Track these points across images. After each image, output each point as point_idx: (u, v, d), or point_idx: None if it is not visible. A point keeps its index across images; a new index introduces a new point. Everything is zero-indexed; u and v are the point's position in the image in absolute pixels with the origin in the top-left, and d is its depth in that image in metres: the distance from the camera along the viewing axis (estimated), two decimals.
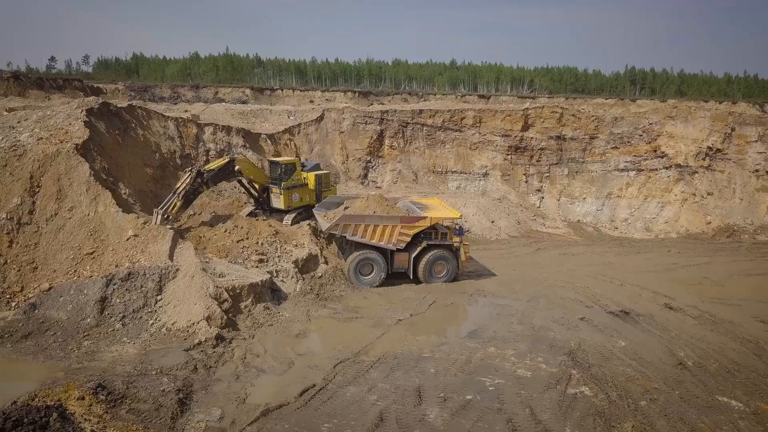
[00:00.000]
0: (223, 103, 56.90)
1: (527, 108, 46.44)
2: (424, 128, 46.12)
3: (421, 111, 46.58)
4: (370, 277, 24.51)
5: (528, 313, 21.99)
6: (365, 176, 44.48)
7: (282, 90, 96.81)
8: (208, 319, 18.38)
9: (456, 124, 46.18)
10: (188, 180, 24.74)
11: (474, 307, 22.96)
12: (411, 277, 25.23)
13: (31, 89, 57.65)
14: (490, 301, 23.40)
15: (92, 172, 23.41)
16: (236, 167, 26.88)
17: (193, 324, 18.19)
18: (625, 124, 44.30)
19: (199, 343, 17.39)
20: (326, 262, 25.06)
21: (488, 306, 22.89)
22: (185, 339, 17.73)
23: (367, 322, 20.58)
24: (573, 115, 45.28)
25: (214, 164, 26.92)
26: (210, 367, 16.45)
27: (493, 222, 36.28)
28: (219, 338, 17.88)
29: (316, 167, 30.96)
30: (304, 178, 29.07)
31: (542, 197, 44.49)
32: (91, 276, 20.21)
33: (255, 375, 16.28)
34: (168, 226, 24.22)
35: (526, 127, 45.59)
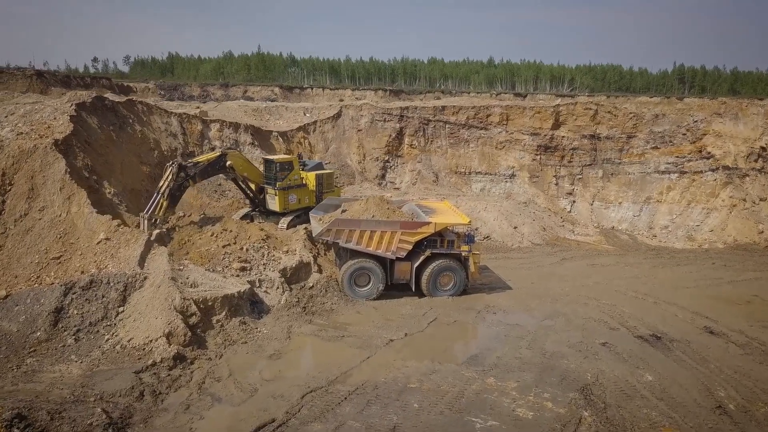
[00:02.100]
0: (238, 100, 55.46)
1: (558, 104, 43.13)
2: (447, 126, 43.41)
3: (443, 107, 43.88)
4: (366, 288, 22.07)
5: (540, 335, 19.14)
6: (383, 177, 42.10)
7: (312, 89, 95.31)
8: (168, 335, 16.32)
9: (481, 122, 43.27)
10: (170, 176, 22.84)
11: (480, 326, 20.25)
12: (413, 289, 22.67)
13: (54, 87, 57.41)
14: (500, 320, 20.63)
15: (68, 170, 21.74)
16: (228, 162, 24.86)
17: (151, 341, 16.16)
18: (666, 121, 40.47)
19: (153, 364, 15.34)
20: (320, 271, 22.76)
21: (496, 325, 20.13)
22: (139, 359, 15.71)
23: (353, 342, 18.16)
24: (609, 112, 41.71)
25: (203, 157, 25.01)
26: (159, 393, 14.34)
27: (515, 228, 33.29)
28: (178, 358, 15.80)
29: (319, 166, 28.69)
30: (303, 178, 26.84)
31: (573, 201, 41.11)
32: (52, 283, 18.45)
33: (209, 405, 14.09)
34: (156, 231, 22.54)
35: (557, 125, 42.29)
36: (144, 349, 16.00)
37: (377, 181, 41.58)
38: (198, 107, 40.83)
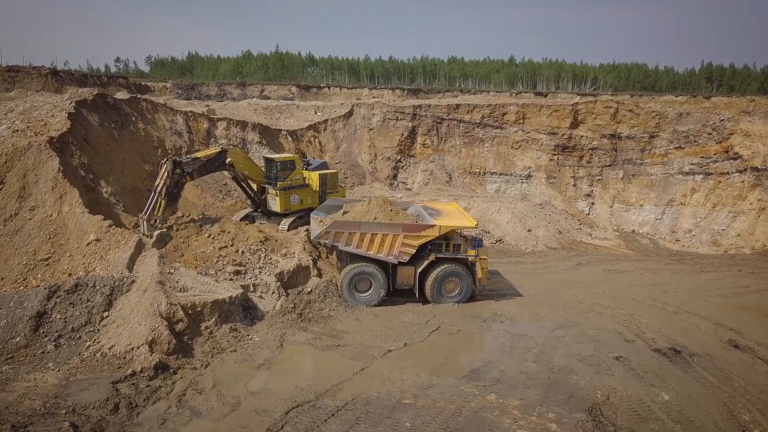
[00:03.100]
0: (248, 99, 54.92)
1: (577, 102, 41.59)
2: (461, 125, 42.20)
3: (457, 106, 42.69)
4: (367, 294, 21.05)
5: (549, 347, 17.89)
6: (394, 177, 41.08)
7: (329, 88, 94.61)
8: (151, 343, 15.49)
9: (496, 121, 41.97)
10: (165, 174, 22.08)
11: (485, 336, 19.04)
12: (417, 295, 21.58)
13: (70, 86, 57.45)
14: (506, 330, 19.41)
15: (61, 168, 21.15)
16: (227, 159, 24.04)
17: (133, 349, 15.33)
18: (691, 120, 38.70)
19: (133, 374, 14.51)
20: (320, 275, 21.81)
21: (502, 335, 18.92)
22: (119, 368, 14.89)
23: (348, 352, 17.13)
24: (630, 110, 40.07)
25: (202, 153, 24.24)
26: (136, 406, 13.49)
27: (529, 231, 31.95)
28: (160, 368, 14.95)
29: (323, 166, 27.71)
30: (305, 177, 25.90)
31: (592, 203, 39.59)
32: (37, 286, 17.80)
33: (186, 420, 13.20)
34: (157, 231, 21.90)
35: (575, 124, 40.80)
36: (125, 357, 15.19)
37: (388, 181, 40.57)
38: (207, 105, 40.26)
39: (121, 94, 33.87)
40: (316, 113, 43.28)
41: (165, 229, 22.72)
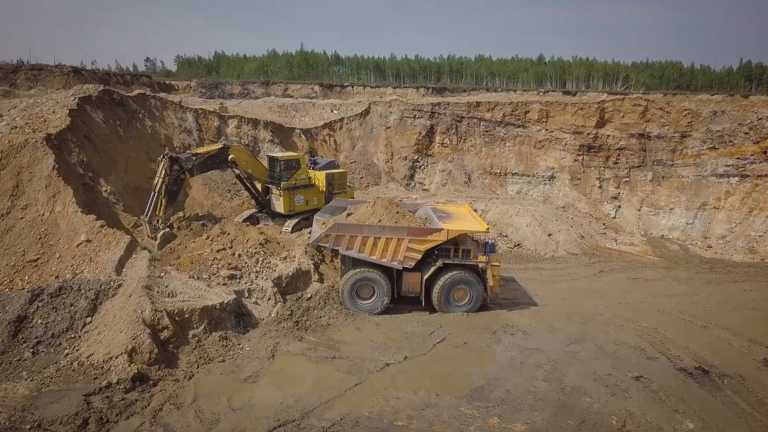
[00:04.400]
0: (264, 98, 54.22)
1: (603, 100, 39.65)
2: (482, 123, 40.69)
3: (478, 103, 41.17)
4: (369, 302, 19.86)
5: (562, 364, 16.44)
6: (411, 177, 39.82)
7: (352, 87, 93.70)
8: (131, 352, 14.60)
9: (518, 119, 40.34)
10: (163, 171, 21.27)
11: (493, 350, 17.64)
12: (423, 303, 20.29)
13: (91, 83, 57.65)
14: (517, 343, 18.00)
15: (56, 166, 20.52)
16: (230, 156, 23.14)
17: (111, 359, 14.45)
18: (726, 119, 36.43)
19: (108, 386, 13.62)
20: (321, 280, 20.72)
21: (512, 350, 17.51)
22: (95, 378, 14.02)
23: (343, 365, 15.98)
24: (661, 108, 37.99)
25: (203, 149, 23.43)
26: (106, 421, 12.59)
27: (550, 235, 30.32)
28: (139, 379, 14.06)
29: (330, 165, 26.57)
30: (311, 177, 24.83)
31: (618, 206, 37.64)
32: (23, 288, 17.10)
33: None
34: (161, 232, 21.25)
35: (601, 123, 38.89)
36: (102, 367, 14.32)
37: (405, 181, 39.32)
38: (221, 103, 39.58)
39: (139, 91, 33.34)
40: (332, 111, 42.27)
41: (167, 229, 22.02)
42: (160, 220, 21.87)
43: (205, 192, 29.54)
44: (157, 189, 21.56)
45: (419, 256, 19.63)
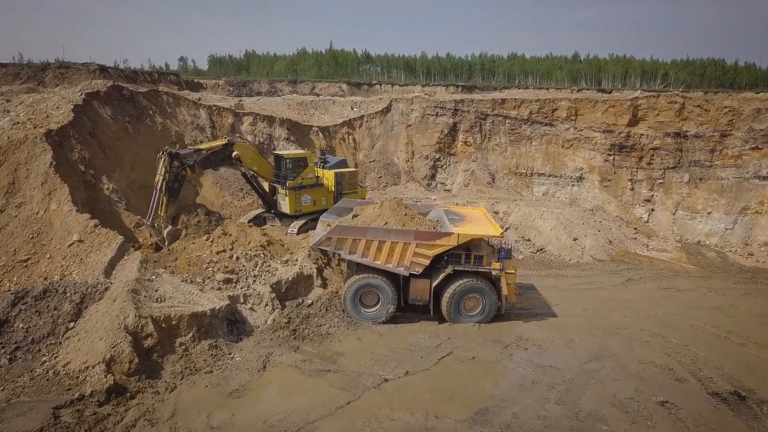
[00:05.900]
0: (284, 96, 53.54)
1: (636, 98, 37.47)
2: (507, 121, 38.98)
3: (503, 101, 39.45)
4: (373, 310, 18.62)
5: (579, 384, 14.90)
6: (432, 177, 38.39)
7: (380, 85, 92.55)
8: (109, 362, 13.70)
9: (546, 117, 38.47)
10: (163, 168, 20.46)
11: (503, 366, 16.18)
12: (431, 313, 18.95)
13: (118, 81, 57.91)
14: (530, 359, 16.50)
15: (54, 163, 19.88)
16: (234, 153, 22.20)
17: (88, 368, 13.56)
18: None
19: (80, 398, 12.72)
20: (324, 286, 19.58)
21: (524, 366, 16.03)
22: (69, 389, 13.14)
23: (338, 380, 14.79)
24: (698, 106, 35.64)
25: (206, 145, 22.59)
26: None
27: (575, 240, 28.53)
28: (115, 391, 13.12)
29: (341, 164, 25.39)
30: (318, 176, 23.70)
31: (652, 210, 35.44)
32: (9, 290, 16.42)
33: None
34: (166, 231, 20.60)
35: (634, 122, 36.73)
36: (78, 377, 13.45)
37: (426, 181, 37.92)
38: (240, 100, 38.89)
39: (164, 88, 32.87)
40: (352, 109, 41.16)
41: (170, 227, 21.31)
42: (162, 221, 21.13)
43: (216, 191, 28.77)
44: (158, 187, 20.81)
45: (427, 262, 18.29)
